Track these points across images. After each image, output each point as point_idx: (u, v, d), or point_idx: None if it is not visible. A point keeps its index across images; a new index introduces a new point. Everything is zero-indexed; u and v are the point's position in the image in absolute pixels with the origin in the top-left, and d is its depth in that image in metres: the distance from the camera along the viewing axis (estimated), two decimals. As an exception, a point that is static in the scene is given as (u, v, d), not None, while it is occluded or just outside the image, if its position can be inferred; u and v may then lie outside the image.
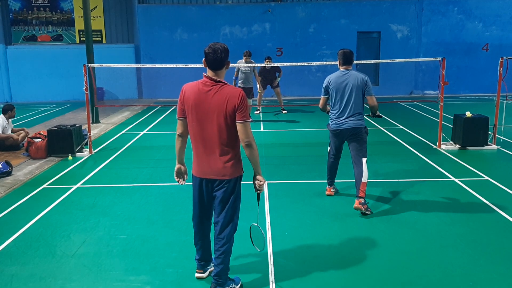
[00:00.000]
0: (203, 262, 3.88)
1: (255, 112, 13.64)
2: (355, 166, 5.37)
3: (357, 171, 5.34)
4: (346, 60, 5.40)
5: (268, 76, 13.37)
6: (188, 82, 3.45)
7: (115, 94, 18.99)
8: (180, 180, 3.75)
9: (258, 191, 3.57)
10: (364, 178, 5.27)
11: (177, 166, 3.70)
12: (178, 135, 3.56)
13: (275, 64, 11.55)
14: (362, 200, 5.23)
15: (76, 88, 17.62)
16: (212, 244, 3.77)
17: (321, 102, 5.59)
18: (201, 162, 3.48)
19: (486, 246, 4.42)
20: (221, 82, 3.36)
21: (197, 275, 3.90)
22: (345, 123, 5.34)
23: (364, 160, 5.34)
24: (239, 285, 3.70)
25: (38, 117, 14.06)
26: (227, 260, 3.57)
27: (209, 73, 3.37)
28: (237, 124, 3.32)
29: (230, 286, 3.62)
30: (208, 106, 3.31)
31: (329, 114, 5.55)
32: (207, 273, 3.91)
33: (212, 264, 3.85)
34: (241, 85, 11.74)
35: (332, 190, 5.92)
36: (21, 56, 18.64)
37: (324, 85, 5.49)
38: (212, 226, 3.71)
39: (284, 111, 13.80)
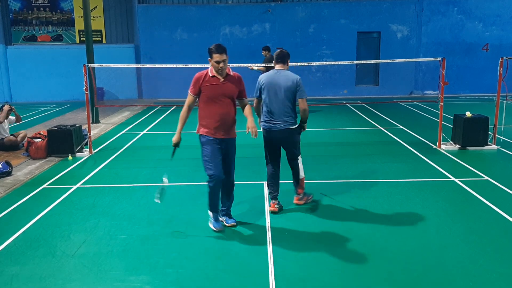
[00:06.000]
0: None
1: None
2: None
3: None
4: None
5: None
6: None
7: (115, 94, 18.99)
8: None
9: None
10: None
11: None
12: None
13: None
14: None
15: (76, 88, 17.61)
16: None
17: None
18: None
19: (486, 246, 4.42)
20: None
21: None
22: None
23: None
24: None
25: (38, 117, 14.06)
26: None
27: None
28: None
29: None
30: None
31: None
32: None
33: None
34: None
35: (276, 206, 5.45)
36: (21, 56, 18.64)
37: None
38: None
39: None
